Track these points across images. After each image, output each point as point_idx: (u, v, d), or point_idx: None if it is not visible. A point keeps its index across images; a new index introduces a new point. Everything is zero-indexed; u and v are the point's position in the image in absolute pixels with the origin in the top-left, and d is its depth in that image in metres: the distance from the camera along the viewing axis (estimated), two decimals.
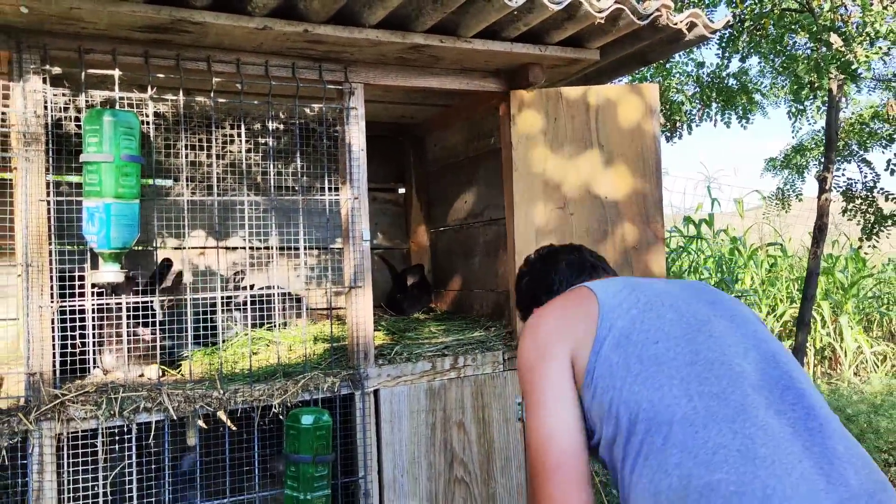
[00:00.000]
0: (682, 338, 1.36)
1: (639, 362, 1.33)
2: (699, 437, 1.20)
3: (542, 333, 1.49)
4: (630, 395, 1.30)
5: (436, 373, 3.16)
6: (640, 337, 1.36)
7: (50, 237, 2.49)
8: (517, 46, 3.05)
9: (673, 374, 1.30)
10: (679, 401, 1.25)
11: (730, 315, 1.46)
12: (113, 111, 2.44)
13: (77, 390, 2.53)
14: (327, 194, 2.96)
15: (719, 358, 1.33)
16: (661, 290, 1.51)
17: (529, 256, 2.02)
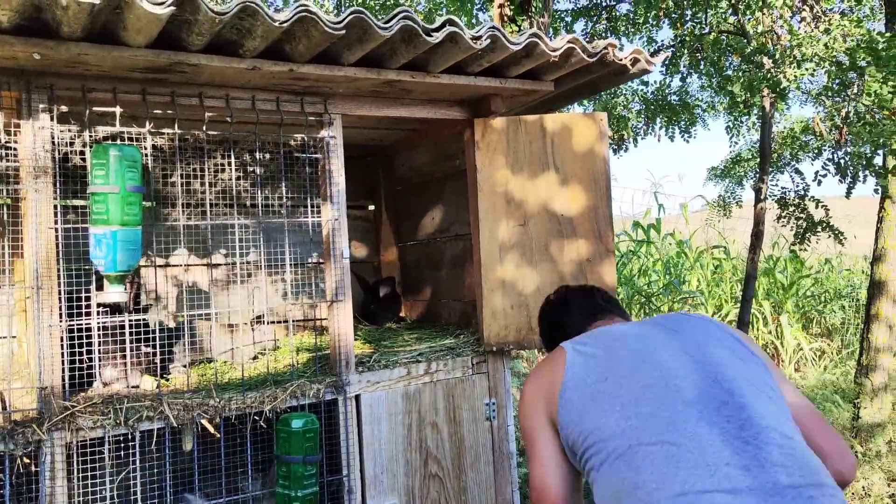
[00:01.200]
0: (627, 371, 1.64)
1: (591, 399, 1.62)
2: (632, 449, 1.48)
3: (527, 399, 1.79)
4: (585, 425, 1.60)
5: (411, 378, 3.45)
6: (593, 378, 1.65)
7: (58, 261, 2.71)
8: (480, 80, 3.38)
9: (614, 402, 1.58)
10: (619, 423, 1.55)
11: (682, 341, 1.68)
12: (118, 146, 2.68)
13: (85, 402, 2.75)
14: (310, 216, 3.23)
15: (657, 382, 1.56)
16: (625, 332, 1.79)
17: (550, 297, 2.25)
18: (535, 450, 1.72)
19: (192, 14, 2.50)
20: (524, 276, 3.57)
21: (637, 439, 1.48)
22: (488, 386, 3.66)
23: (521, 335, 3.56)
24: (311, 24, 2.65)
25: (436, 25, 2.93)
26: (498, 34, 3.02)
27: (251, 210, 3.53)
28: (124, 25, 2.49)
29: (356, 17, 2.70)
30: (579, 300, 2.13)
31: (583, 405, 1.62)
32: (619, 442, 1.50)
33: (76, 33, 2.49)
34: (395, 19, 2.80)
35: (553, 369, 1.75)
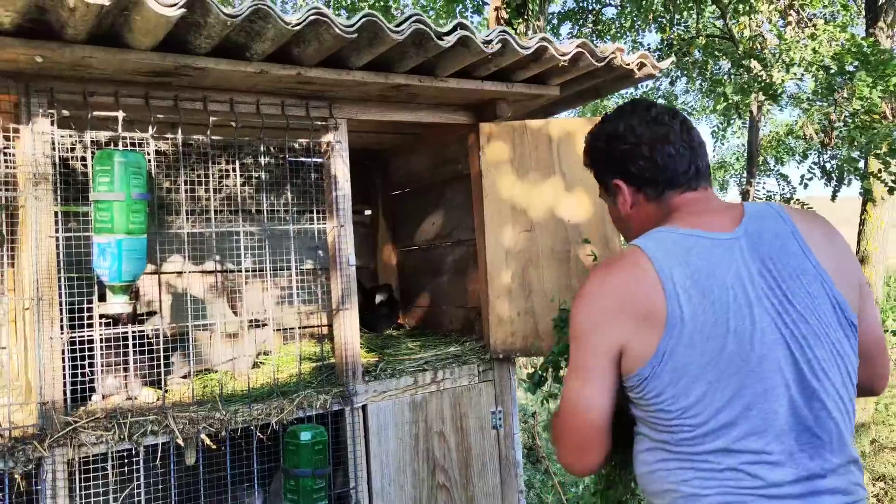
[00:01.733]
0: (728, 353, 1.37)
1: (697, 370, 1.37)
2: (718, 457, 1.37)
3: (598, 308, 1.45)
4: (684, 399, 1.38)
5: (417, 387, 3.39)
6: (697, 346, 1.37)
7: (59, 270, 2.61)
8: (487, 84, 3.33)
9: (716, 390, 1.36)
10: (719, 415, 1.37)
11: (780, 307, 1.41)
12: (123, 152, 2.58)
13: (87, 416, 2.65)
14: (316, 223, 3.16)
15: (758, 402, 1.37)
16: (723, 268, 1.43)
17: (627, 109, 1.68)
18: (589, 368, 1.46)
19: (202, 16, 2.42)
20: (531, 282, 3.53)
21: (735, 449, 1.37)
22: (494, 394, 3.62)
23: (527, 342, 3.52)
24: (324, 28, 2.59)
25: (447, 29, 2.89)
26: (508, 38, 2.98)
27: (256, 216, 3.45)
28: (131, 27, 2.40)
29: (369, 20, 2.64)
30: (678, 134, 1.62)
31: (686, 373, 1.37)
32: (714, 441, 1.38)
33: (81, 36, 2.40)
34: (408, 22, 2.75)
35: (646, 292, 1.40)
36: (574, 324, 1.50)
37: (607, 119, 1.71)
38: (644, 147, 1.60)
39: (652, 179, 1.60)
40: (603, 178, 1.72)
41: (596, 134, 1.73)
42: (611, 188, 1.68)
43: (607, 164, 1.68)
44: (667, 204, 1.61)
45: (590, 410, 1.47)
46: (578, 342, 1.49)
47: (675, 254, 1.44)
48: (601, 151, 1.69)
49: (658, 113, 1.68)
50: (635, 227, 1.67)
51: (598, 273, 1.51)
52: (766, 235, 1.48)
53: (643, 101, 1.74)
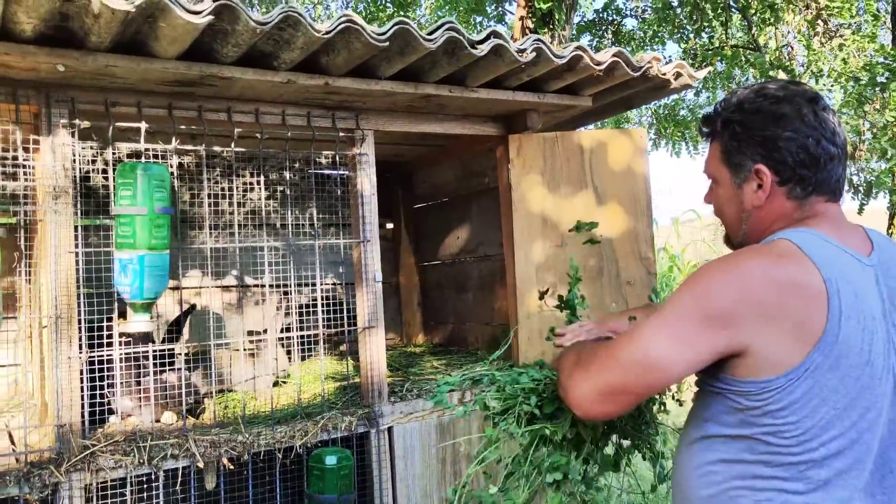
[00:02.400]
0: (855, 391, 1.28)
1: (832, 391, 1.26)
2: None
3: (757, 297, 1.27)
4: (812, 422, 1.27)
5: (444, 408, 3.26)
6: (845, 361, 1.26)
7: (78, 287, 2.51)
8: (518, 94, 3.23)
9: (846, 412, 1.27)
10: (831, 443, 1.28)
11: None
12: (146, 165, 2.49)
13: (106, 440, 2.54)
14: (342, 237, 3.05)
15: (862, 437, 1.30)
16: (862, 291, 1.31)
17: (792, 88, 1.49)
18: (693, 345, 1.27)
19: (230, 24, 2.32)
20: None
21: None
22: None
23: None
24: (355, 35, 2.49)
25: (480, 37, 2.78)
26: (543, 47, 2.87)
27: (279, 231, 3.34)
28: (156, 36, 2.31)
29: (401, 27, 2.54)
30: (842, 140, 1.44)
31: (818, 396, 1.25)
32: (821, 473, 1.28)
33: (104, 44, 2.31)
34: (440, 30, 2.65)
35: (810, 298, 1.25)
36: (709, 292, 1.29)
37: (765, 93, 1.47)
38: (811, 139, 1.39)
39: (806, 178, 1.40)
40: (737, 158, 1.47)
41: (743, 104, 1.46)
42: (745, 171, 1.45)
43: (754, 144, 1.44)
44: (809, 209, 1.43)
45: (671, 376, 1.29)
46: (704, 316, 1.28)
47: (837, 266, 1.30)
48: (750, 128, 1.44)
49: (825, 105, 1.46)
50: (755, 224, 1.48)
51: (763, 259, 1.31)
52: (892, 270, 1.38)
53: (805, 86, 1.53)
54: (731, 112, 1.48)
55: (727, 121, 1.48)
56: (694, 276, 1.34)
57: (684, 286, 1.33)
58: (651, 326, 1.30)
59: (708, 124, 1.53)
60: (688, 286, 1.32)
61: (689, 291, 1.31)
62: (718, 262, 1.32)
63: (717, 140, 1.51)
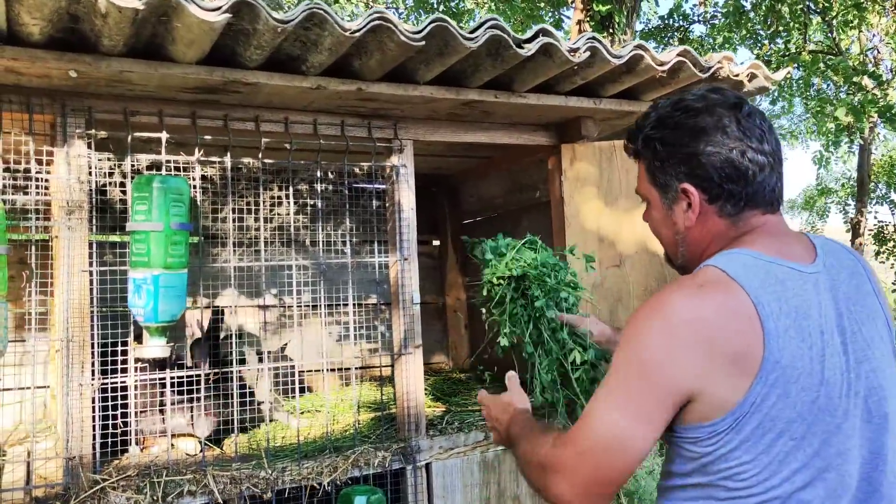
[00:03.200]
0: (811, 417, 1.20)
1: (786, 421, 1.18)
2: None
3: (685, 338, 1.18)
4: (770, 456, 1.19)
5: (489, 443, 2.98)
6: (795, 386, 1.18)
7: (92, 308, 2.34)
8: (571, 100, 2.94)
9: (805, 441, 1.19)
10: (795, 476, 1.19)
11: (856, 371, 1.24)
12: (162, 177, 2.31)
13: (118, 474, 2.36)
14: (377, 256, 2.82)
15: (833, 469, 1.21)
16: (806, 306, 1.24)
17: (713, 97, 1.37)
18: (646, 408, 1.18)
19: (250, 23, 2.13)
20: (620, 323, 3.08)
21: None
22: None
23: None
24: (387, 35, 2.26)
25: (527, 36, 2.52)
26: (598, 45, 2.59)
27: (310, 248, 3.13)
28: (173, 38, 2.13)
29: (438, 25, 2.30)
30: (772, 147, 1.34)
31: (772, 429, 1.18)
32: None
33: (118, 47, 2.15)
34: (482, 28, 2.40)
35: (741, 329, 1.17)
36: (641, 346, 1.21)
37: (683, 105, 1.35)
38: (735, 152, 1.29)
39: (735, 193, 1.31)
40: (662, 178, 1.37)
41: (663, 120, 1.36)
42: (672, 192, 1.36)
43: (676, 162, 1.33)
44: (744, 224, 1.33)
45: (636, 454, 1.19)
46: (642, 372, 1.19)
47: (770, 285, 1.21)
48: (670, 145, 1.34)
49: (750, 110, 1.35)
50: (691, 245, 1.39)
51: (684, 294, 1.21)
52: (843, 273, 1.31)
53: (729, 92, 1.38)
54: (650, 129, 1.38)
55: (647, 138, 1.39)
56: (626, 327, 1.25)
57: (621, 343, 1.25)
58: (601, 405, 1.22)
59: (631, 142, 1.44)
60: (622, 343, 1.24)
61: (623, 350, 1.24)
62: (644, 308, 1.24)
63: (641, 159, 1.42)
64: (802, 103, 5.91)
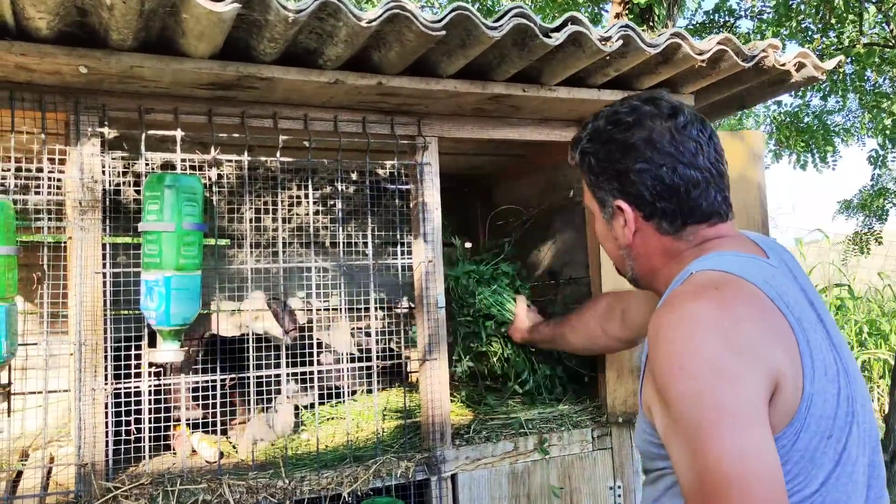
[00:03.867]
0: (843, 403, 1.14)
1: (822, 420, 1.10)
2: None
3: (746, 333, 1.05)
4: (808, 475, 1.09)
5: (518, 454, 2.84)
6: (822, 378, 1.12)
7: (105, 311, 2.28)
8: (605, 94, 2.79)
9: (832, 439, 1.11)
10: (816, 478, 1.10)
11: (844, 362, 1.20)
12: (175, 176, 2.24)
13: (131, 482, 2.29)
14: (399, 257, 2.71)
15: (848, 469, 1.13)
16: (795, 296, 1.18)
17: (644, 109, 1.29)
18: (752, 433, 0.98)
19: (261, 14, 2.04)
20: None
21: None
22: (612, 465, 3.00)
23: None
24: (405, 24, 2.15)
25: (555, 24, 2.38)
26: (631, 34, 2.43)
27: (330, 250, 3.04)
28: (182, 31, 2.06)
29: (459, 14, 2.18)
30: (711, 159, 1.26)
31: (818, 433, 1.09)
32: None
33: (128, 41, 2.08)
34: (507, 17, 2.27)
35: (778, 333, 1.08)
36: (698, 366, 1.03)
37: (615, 118, 1.29)
38: (666, 169, 1.23)
39: (669, 212, 1.26)
40: (599, 193, 1.36)
41: (596, 134, 1.32)
42: (609, 208, 1.34)
43: (609, 178, 1.30)
44: (694, 237, 1.28)
45: (778, 475, 0.98)
46: (721, 385, 1.01)
47: (769, 280, 1.14)
48: (603, 161, 1.30)
49: (687, 121, 1.28)
50: (639, 260, 1.34)
51: (706, 300, 1.09)
52: (795, 267, 1.27)
53: (665, 99, 1.31)
54: (585, 142, 1.36)
55: (583, 152, 1.37)
56: (659, 364, 1.09)
57: (664, 385, 1.07)
58: (707, 437, 0.99)
59: (572, 152, 1.44)
60: (667, 383, 1.06)
61: (675, 384, 1.05)
62: (668, 334, 1.09)
63: (579, 171, 1.41)
64: (857, 98, 5.62)
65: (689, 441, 1.01)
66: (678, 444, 1.04)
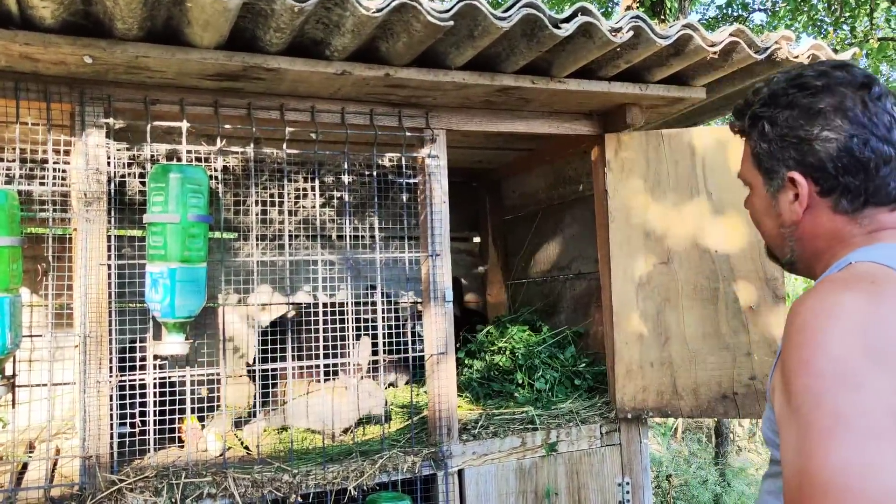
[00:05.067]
0: None
1: None
2: None
3: (890, 337, 0.97)
4: None
5: (526, 449, 2.82)
6: None
7: (111, 304, 2.27)
8: (615, 86, 2.75)
9: None
10: None
11: None
12: (180, 167, 2.22)
13: (136, 475, 2.28)
14: (406, 251, 2.69)
15: None
16: None
17: (836, 74, 1.18)
18: (865, 449, 0.91)
19: (266, 3, 2.02)
20: (667, 325, 2.88)
21: None
22: (621, 462, 2.97)
23: (663, 399, 2.86)
24: (412, 14, 2.12)
25: (565, 15, 2.35)
26: (642, 25, 2.40)
27: (336, 243, 3.02)
28: (188, 20, 2.04)
29: (467, 4, 2.15)
30: (889, 145, 1.16)
31: None
32: None
33: (133, 31, 2.06)
34: (515, 7, 2.24)
35: None
36: (820, 357, 0.97)
37: (800, 82, 1.16)
38: (856, 141, 1.10)
39: (853, 188, 1.13)
40: (768, 163, 1.20)
41: (774, 98, 1.18)
42: (778, 180, 1.19)
43: (787, 146, 1.16)
44: (871, 220, 1.15)
45: (886, 497, 0.87)
46: (844, 389, 0.93)
47: None
48: (782, 126, 1.16)
49: (881, 92, 1.13)
50: (803, 242, 1.21)
51: (858, 293, 1.00)
52: None
53: (857, 70, 1.16)
54: (759, 106, 1.20)
55: (755, 116, 1.21)
56: (790, 352, 1.00)
57: (789, 377, 0.99)
58: (823, 444, 0.91)
59: (737, 118, 1.27)
60: (792, 376, 0.99)
61: (800, 378, 0.97)
62: (802, 320, 1.01)
63: (747, 139, 1.25)
64: None
65: (800, 440, 0.96)
66: (788, 437, 0.99)
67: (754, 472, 6.18)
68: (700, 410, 2.85)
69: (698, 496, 4.60)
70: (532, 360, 3.16)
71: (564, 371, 3.20)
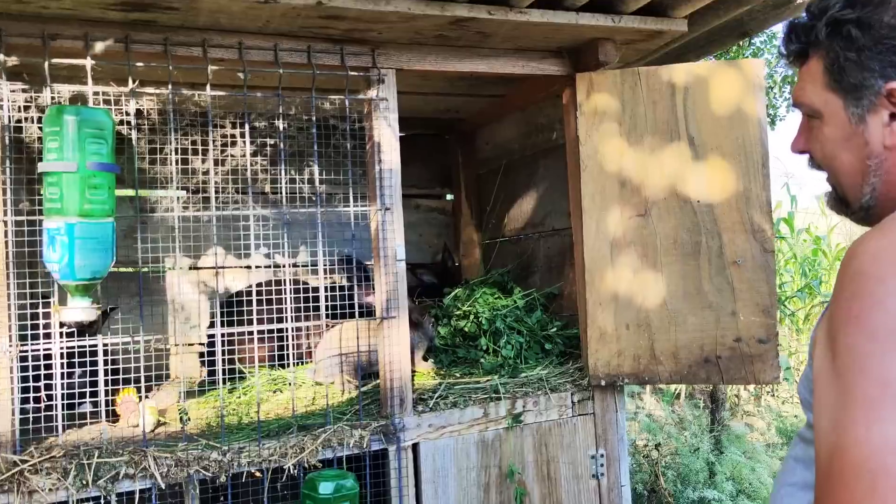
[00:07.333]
0: None
1: None
2: None
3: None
4: None
5: (489, 421, 2.58)
6: None
7: (8, 265, 2.02)
8: (584, 17, 2.45)
9: None
10: None
11: None
12: (77, 108, 1.96)
13: (41, 455, 2.05)
14: (352, 205, 2.42)
15: None
16: None
17: None
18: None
19: None
20: (645, 284, 2.62)
21: None
22: (595, 432, 2.73)
23: (640, 365, 2.61)
24: None
25: None
26: None
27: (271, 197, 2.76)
28: None
29: None
30: None
31: None
32: None
33: None
34: None
35: None
36: (875, 312, 0.81)
37: None
38: None
39: None
40: (858, 76, 0.99)
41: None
42: (870, 96, 0.98)
43: (886, 51, 0.95)
44: None
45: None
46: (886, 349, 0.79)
47: None
48: (876, 29, 0.95)
49: None
50: (891, 173, 0.99)
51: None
52: None
53: None
54: (840, 9, 0.99)
55: (837, 22, 0.99)
56: (840, 304, 0.85)
57: (836, 327, 0.85)
58: (856, 417, 0.79)
59: (803, 34, 1.05)
60: (840, 326, 0.84)
61: (846, 335, 0.83)
62: (859, 266, 0.84)
63: (817, 56, 1.04)
64: None
65: (838, 408, 0.82)
66: (826, 402, 0.84)
67: (753, 439, 5.97)
68: (680, 376, 2.60)
69: (689, 465, 4.38)
70: (496, 324, 2.91)
71: (533, 336, 2.95)
